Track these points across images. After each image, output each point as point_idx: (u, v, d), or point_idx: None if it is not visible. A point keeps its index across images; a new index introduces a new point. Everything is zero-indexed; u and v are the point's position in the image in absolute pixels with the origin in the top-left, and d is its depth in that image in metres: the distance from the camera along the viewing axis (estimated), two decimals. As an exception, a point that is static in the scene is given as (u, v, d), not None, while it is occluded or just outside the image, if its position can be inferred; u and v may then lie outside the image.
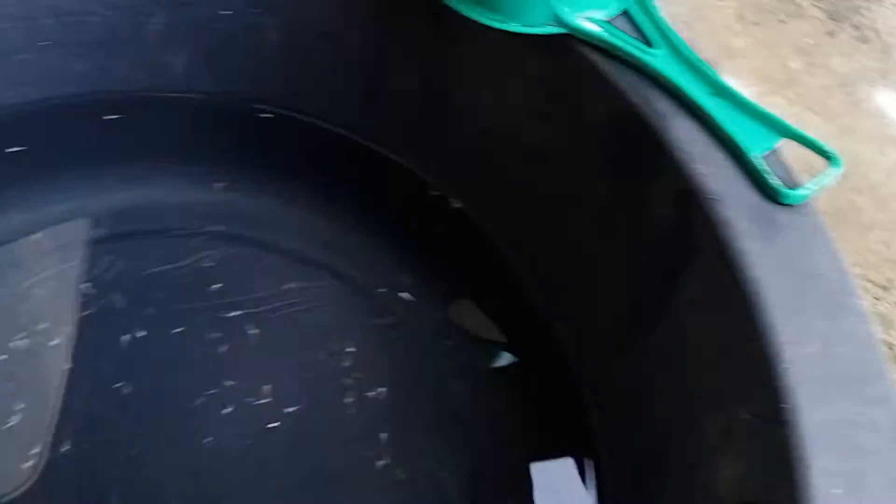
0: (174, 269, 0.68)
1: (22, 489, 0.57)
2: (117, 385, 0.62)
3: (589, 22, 0.56)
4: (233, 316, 0.66)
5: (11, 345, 0.63)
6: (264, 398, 0.62)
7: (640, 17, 0.56)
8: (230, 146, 0.73)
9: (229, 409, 0.62)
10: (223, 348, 0.64)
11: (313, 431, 0.62)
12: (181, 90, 0.70)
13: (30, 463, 0.58)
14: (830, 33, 0.96)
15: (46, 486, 0.57)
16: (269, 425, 0.61)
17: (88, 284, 0.67)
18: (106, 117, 0.69)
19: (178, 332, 0.65)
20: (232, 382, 0.63)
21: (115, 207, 0.71)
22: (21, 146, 0.68)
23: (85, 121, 0.70)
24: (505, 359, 0.68)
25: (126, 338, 0.64)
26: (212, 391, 0.62)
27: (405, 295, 0.69)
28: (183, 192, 0.72)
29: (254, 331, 0.65)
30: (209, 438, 0.60)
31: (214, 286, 0.67)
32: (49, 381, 0.62)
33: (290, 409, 0.62)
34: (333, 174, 0.73)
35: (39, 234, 0.69)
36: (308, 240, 0.71)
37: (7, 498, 0.56)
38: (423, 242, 0.71)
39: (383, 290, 0.69)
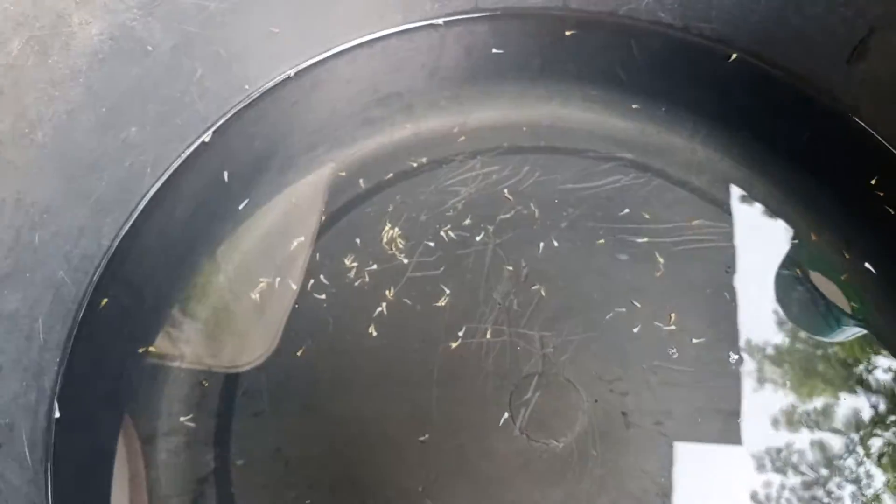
0: (586, 188, 0.71)
1: (448, 368, 0.63)
2: (534, 287, 0.66)
3: None
4: (640, 242, 0.68)
5: (442, 233, 0.69)
6: (671, 325, 0.64)
7: None
8: (666, 78, 0.74)
9: (637, 328, 0.64)
10: (631, 271, 0.67)
11: (716, 366, 0.63)
12: (645, 18, 0.72)
13: (456, 343, 0.64)
14: None
15: (466, 368, 0.63)
16: (675, 351, 0.63)
17: (507, 189, 0.72)
18: (567, 32, 0.73)
19: (588, 248, 0.68)
20: (639, 304, 0.65)
21: (538, 120, 0.75)
22: (500, 49, 0.74)
23: (548, 34, 0.74)
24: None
25: (542, 244, 0.68)
26: (621, 309, 0.65)
27: (815, 252, 0.67)
28: (600, 116, 0.75)
29: (661, 259, 0.67)
30: (617, 352, 0.63)
31: (623, 211, 0.70)
32: (473, 273, 0.67)
33: (697, 341, 0.63)
34: (772, 125, 0.72)
35: (462, 139, 0.75)
36: (716, 180, 0.71)
37: (435, 375, 0.63)
38: (848, 204, 0.68)
39: (795, 241, 0.68)
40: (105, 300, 0.62)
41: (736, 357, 0.63)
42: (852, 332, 0.64)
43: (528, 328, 0.65)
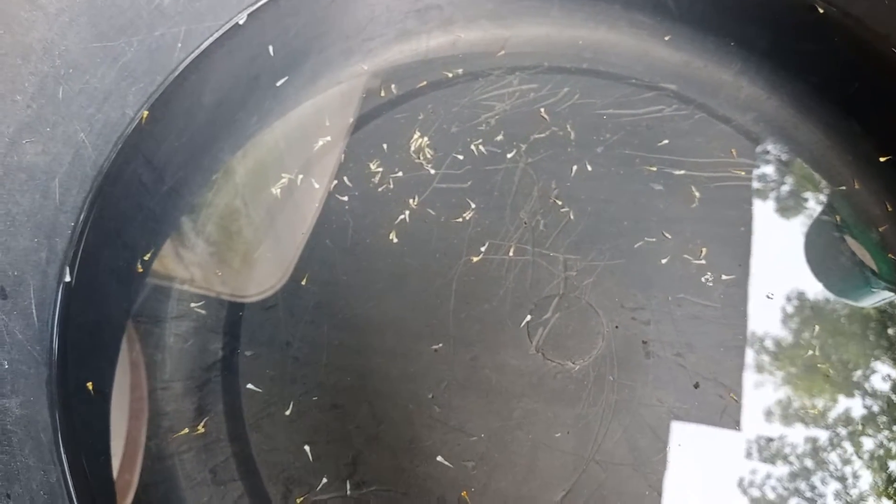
0: (625, 115, 0.69)
1: (467, 281, 0.61)
2: (563, 209, 0.64)
3: None
4: (677, 174, 0.66)
5: (472, 147, 0.67)
6: (701, 259, 0.62)
7: None
8: (717, 11, 0.71)
9: (665, 259, 0.62)
10: (665, 202, 0.64)
11: (742, 304, 0.61)
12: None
13: (478, 258, 0.62)
14: None
15: (486, 283, 0.61)
16: (706, 283, 0.61)
17: (543, 109, 0.69)
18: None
19: (622, 175, 0.66)
20: (670, 236, 0.63)
21: (582, 42, 0.72)
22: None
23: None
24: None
25: (575, 167, 0.66)
26: (651, 239, 0.63)
27: (856, 201, 0.65)
28: (646, 44, 0.72)
29: (697, 193, 0.65)
30: (643, 281, 0.61)
31: (662, 141, 0.67)
32: (501, 190, 0.65)
33: (726, 277, 0.61)
34: (823, 68, 0.69)
35: (502, 53, 0.72)
36: (760, 119, 0.69)
37: (454, 286, 0.61)
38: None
39: (836, 188, 0.65)
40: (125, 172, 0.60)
41: (767, 296, 0.61)
42: (882, 295, 0.62)
43: (553, 250, 0.63)
